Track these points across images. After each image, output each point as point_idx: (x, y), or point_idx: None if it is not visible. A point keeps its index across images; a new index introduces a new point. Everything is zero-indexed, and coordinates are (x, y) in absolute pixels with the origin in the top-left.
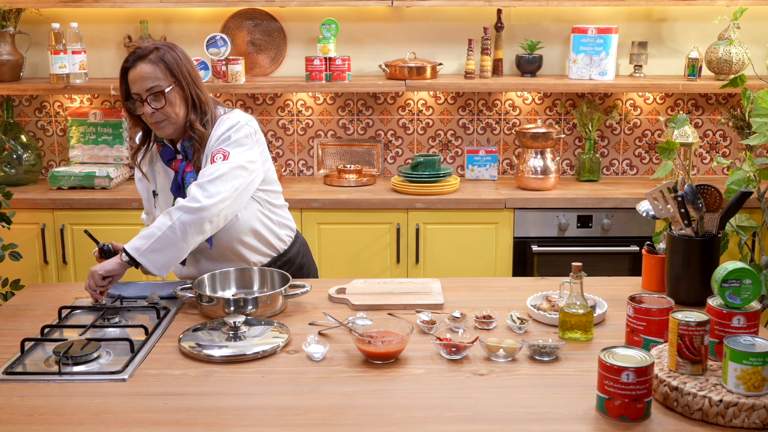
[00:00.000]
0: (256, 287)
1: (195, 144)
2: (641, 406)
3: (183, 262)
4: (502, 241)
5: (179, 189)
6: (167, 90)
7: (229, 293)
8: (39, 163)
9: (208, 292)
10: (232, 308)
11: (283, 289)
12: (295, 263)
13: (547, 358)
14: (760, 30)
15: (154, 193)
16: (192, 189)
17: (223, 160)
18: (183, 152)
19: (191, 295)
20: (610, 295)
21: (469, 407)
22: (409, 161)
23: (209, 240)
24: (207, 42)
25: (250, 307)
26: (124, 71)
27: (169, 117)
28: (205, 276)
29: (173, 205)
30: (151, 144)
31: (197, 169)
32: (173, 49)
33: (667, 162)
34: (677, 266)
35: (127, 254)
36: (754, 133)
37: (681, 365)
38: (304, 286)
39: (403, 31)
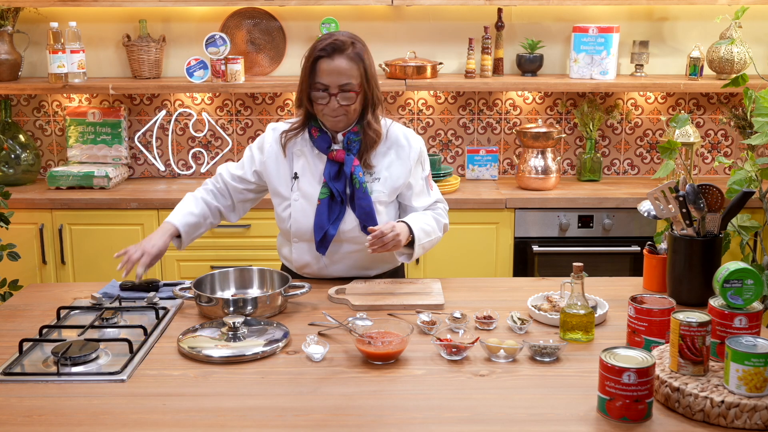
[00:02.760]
0: (255, 287)
1: (367, 142)
2: (642, 407)
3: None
4: (502, 241)
5: (336, 178)
6: (358, 90)
7: (229, 293)
8: (37, 162)
9: (207, 293)
10: (231, 309)
11: (282, 289)
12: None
13: (548, 359)
14: (762, 29)
15: (296, 175)
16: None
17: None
18: (346, 144)
19: (190, 295)
20: (611, 296)
21: (469, 408)
22: None
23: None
24: (206, 41)
25: (249, 308)
26: (317, 59)
27: (348, 113)
28: (204, 276)
29: (321, 190)
30: (308, 128)
31: (363, 165)
32: (364, 45)
33: (668, 162)
34: (679, 266)
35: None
36: (756, 132)
37: (682, 366)
38: (303, 287)
39: (403, 30)
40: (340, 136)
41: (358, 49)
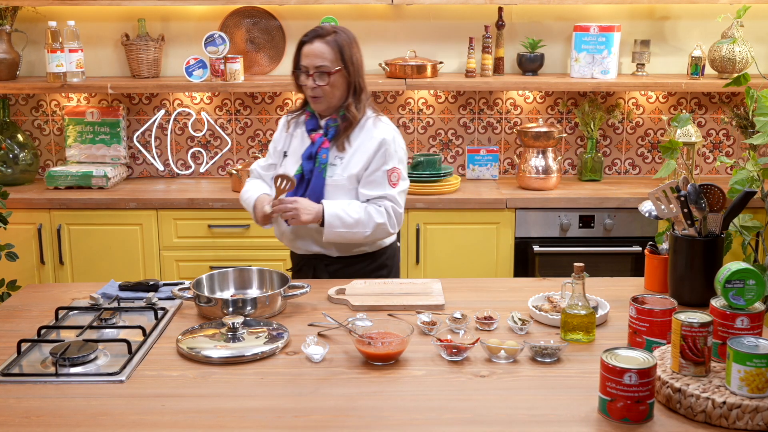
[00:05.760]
0: (254, 288)
1: (341, 125)
2: (644, 407)
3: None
4: (503, 242)
5: (310, 158)
6: (333, 71)
7: (228, 294)
8: (35, 162)
9: (206, 293)
10: (230, 309)
11: (282, 289)
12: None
13: (548, 360)
14: (764, 28)
15: (285, 154)
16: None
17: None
18: (325, 129)
19: (189, 295)
20: (612, 296)
21: (469, 409)
22: (410, 161)
23: None
24: (205, 40)
25: (248, 308)
26: (301, 44)
27: (326, 95)
28: (204, 276)
29: (299, 167)
30: (304, 112)
31: (336, 147)
32: (349, 36)
33: (669, 161)
34: (680, 267)
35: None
36: (758, 132)
37: (684, 367)
38: (303, 287)
39: (403, 30)
40: (323, 122)
41: (338, 37)
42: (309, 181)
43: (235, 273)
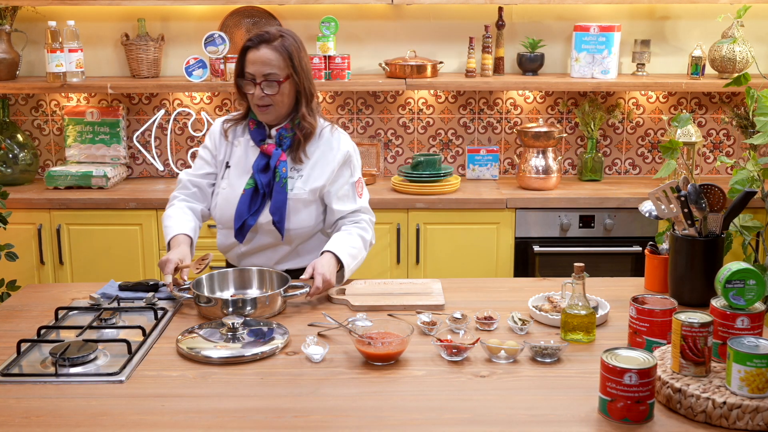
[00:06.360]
0: (254, 288)
1: (298, 136)
2: (644, 408)
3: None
4: (503, 242)
5: (264, 171)
6: (283, 79)
7: (228, 294)
8: (35, 162)
9: (206, 293)
10: (230, 309)
11: (282, 289)
12: None
13: (548, 360)
14: (764, 28)
15: (227, 164)
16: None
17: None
18: (278, 139)
19: (189, 295)
20: (612, 296)
21: (469, 409)
22: (410, 161)
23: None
24: (205, 40)
25: (248, 308)
26: (245, 49)
27: (276, 104)
28: (203, 276)
29: (250, 180)
30: (247, 120)
31: (292, 159)
32: (296, 39)
33: (670, 161)
34: (680, 267)
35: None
36: (758, 132)
37: (684, 367)
38: (303, 287)
39: (403, 29)
40: (273, 132)
41: (286, 42)
42: (265, 195)
43: (234, 273)
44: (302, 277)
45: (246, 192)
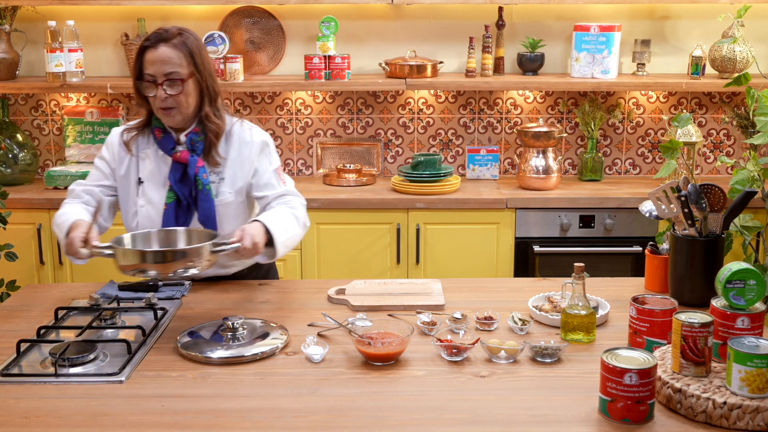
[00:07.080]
0: (181, 246)
1: (209, 137)
2: (644, 408)
3: None
4: (503, 242)
5: (182, 181)
6: (185, 78)
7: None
8: (35, 162)
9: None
10: (155, 262)
11: (210, 242)
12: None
13: (548, 360)
14: (765, 28)
15: (140, 180)
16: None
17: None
18: (189, 144)
19: (109, 252)
20: (612, 296)
21: (469, 409)
22: (410, 161)
23: None
24: (205, 40)
25: (177, 262)
26: (143, 50)
27: (180, 105)
28: (125, 236)
29: (168, 194)
30: (151, 129)
31: (210, 163)
32: (196, 37)
33: (670, 161)
34: (681, 267)
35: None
36: (759, 132)
37: (684, 367)
38: (234, 242)
39: (403, 29)
40: (183, 137)
41: (185, 39)
42: (189, 206)
43: (160, 234)
44: (230, 240)
45: (169, 206)
